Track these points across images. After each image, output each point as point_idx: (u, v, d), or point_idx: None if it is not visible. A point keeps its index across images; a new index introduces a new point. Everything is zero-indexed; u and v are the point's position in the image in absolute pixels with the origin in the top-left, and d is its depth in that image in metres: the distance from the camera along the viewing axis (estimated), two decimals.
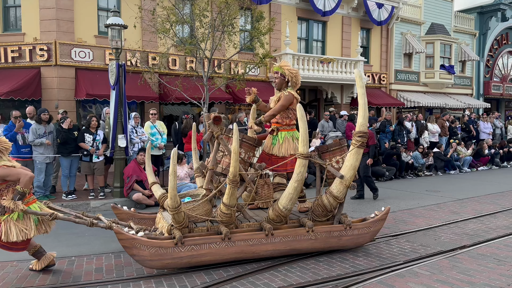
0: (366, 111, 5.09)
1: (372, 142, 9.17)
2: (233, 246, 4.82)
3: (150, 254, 4.53)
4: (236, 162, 4.64)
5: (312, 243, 5.17)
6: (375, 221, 5.59)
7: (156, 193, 5.83)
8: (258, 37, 10.97)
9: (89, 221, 4.81)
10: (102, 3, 13.22)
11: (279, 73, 5.72)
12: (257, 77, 15.77)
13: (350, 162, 5.09)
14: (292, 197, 4.93)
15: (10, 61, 12.38)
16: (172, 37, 11.08)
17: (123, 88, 8.92)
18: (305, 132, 4.84)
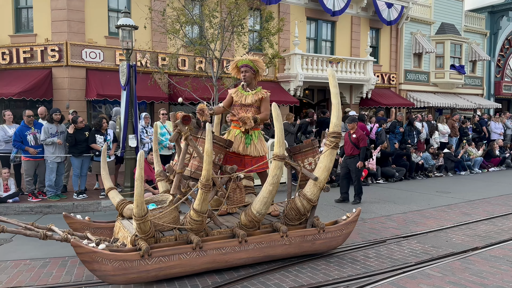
0: (340, 111, 4.91)
1: (363, 144, 8.95)
2: (205, 256, 4.49)
3: (113, 269, 4.11)
4: (209, 165, 4.31)
5: (286, 249, 4.96)
6: (347, 223, 5.45)
7: (113, 199, 5.36)
8: (268, 37, 10.98)
9: (42, 233, 4.30)
10: (113, 4, 13.31)
11: (249, 67, 5.40)
12: (266, 78, 15.75)
13: (324, 164, 4.94)
14: (267, 201, 4.66)
15: (22, 61, 12.53)
16: (182, 37, 11.13)
17: (133, 89, 8.98)
18: (280, 132, 4.61)
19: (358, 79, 17.28)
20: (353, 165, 8.93)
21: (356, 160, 8.89)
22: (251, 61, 5.40)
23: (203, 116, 5.13)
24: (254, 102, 5.34)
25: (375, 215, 7.81)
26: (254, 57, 5.46)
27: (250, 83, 5.46)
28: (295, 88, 15.92)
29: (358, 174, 8.99)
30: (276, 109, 4.64)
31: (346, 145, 9.28)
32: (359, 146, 8.91)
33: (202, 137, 4.95)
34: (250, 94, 5.37)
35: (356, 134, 8.99)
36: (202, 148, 4.80)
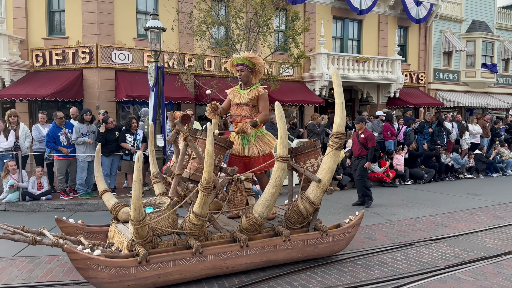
0: (343, 111, 4.74)
1: (371, 144, 8.69)
2: (205, 262, 4.31)
3: (110, 276, 3.91)
4: (210, 166, 4.09)
5: (288, 253, 4.80)
6: (350, 226, 5.27)
7: (108, 202, 5.16)
8: (293, 37, 10.95)
9: (31, 238, 4.09)
10: (141, 6, 13.59)
11: (244, 65, 5.16)
12: (291, 77, 15.72)
13: (328, 165, 4.76)
14: (269, 204, 4.48)
15: (54, 63, 12.96)
16: (208, 39, 11.24)
17: (161, 89, 9.14)
18: (284, 132, 4.44)
19: (385, 78, 17.00)
20: (361, 165, 8.72)
21: (364, 161, 8.67)
22: (246, 59, 5.15)
23: (215, 112, 5.14)
24: (249, 100, 5.12)
25: (403, 217, 7.67)
26: (249, 54, 5.22)
27: (246, 81, 5.23)
28: (321, 88, 15.81)
29: (362, 174, 8.73)
30: (279, 108, 4.49)
31: (354, 145, 9.12)
32: (367, 146, 8.72)
33: (202, 138, 4.81)
34: (245, 92, 5.15)
35: (364, 134, 8.77)
36: (202, 149, 4.69)
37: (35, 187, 8.69)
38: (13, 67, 12.62)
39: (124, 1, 13.11)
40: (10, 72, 12.53)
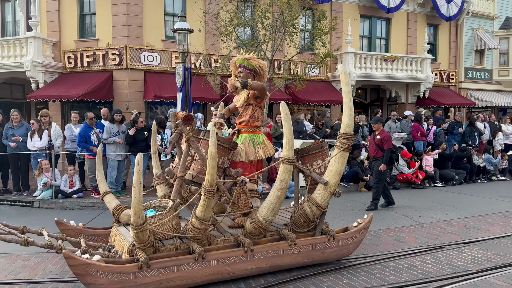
0: (352, 111, 4.54)
1: (387, 146, 8.37)
2: (208, 267, 4.18)
3: (109, 282, 3.80)
4: (213, 169, 3.96)
5: (294, 258, 4.65)
6: (359, 230, 5.08)
7: (109, 204, 5.03)
8: (320, 36, 10.88)
9: (23, 239, 4.01)
10: (169, 8, 13.80)
11: (243, 66, 4.96)
12: (317, 77, 15.62)
13: (335, 167, 4.59)
14: (275, 207, 4.37)
15: (85, 65, 13.33)
16: (234, 39, 11.31)
17: (188, 90, 9.27)
18: (289, 133, 4.30)
19: (414, 77, 16.64)
20: (376, 168, 8.47)
21: (380, 163, 8.37)
22: (245, 60, 4.96)
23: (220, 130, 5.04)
24: (247, 99, 4.96)
25: (433, 219, 7.49)
26: (247, 56, 5.02)
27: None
28: None
29: (379, 177, 8.43)
30: (285, 108, 4.32)
31: (370, 146, 8.89)
32: (383, 148, 8.44)
33: (205, 138, 4.69)
34: (244, 93, 4.99)
35: (380, 135, 8.49)
36: (205, 150, 4.57)
37: (67, 185, 8.97)
38: (47, 69, 13.06)
39: (152, 3, 13.36)
40: (43, 73, 12.98)
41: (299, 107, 15.77)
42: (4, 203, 8.93)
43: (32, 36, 12.65)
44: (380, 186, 8.39)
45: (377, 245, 5.85)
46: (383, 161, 8.31)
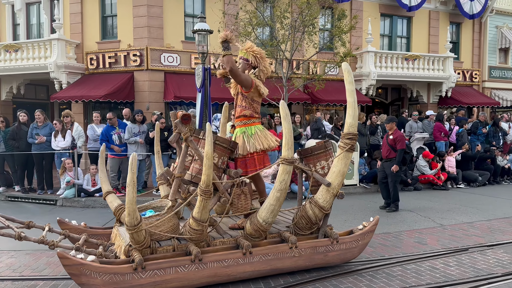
0: (355, 110, 4.39)
1: (401, 146, 8.13)
2: (205, 269, 4.11)
3: (103, 283, 3.77)
4: (209, 169, 3.92)
5: (295, 261, 4.53)
6: (364, 233, 4.91)
7: (111, 204, 5.04)
8: (340, 35, 10.79)
9: (17, 233, 4.02)
10: (189, 9, 13.92)
11: (242, 58, 4.81)
12: (336, 77, 15.49)
13: (338, 168, 4.45)
14: (274, 208, 4.28)
15: (107, 66, 13.56)
16: (253, 39, 11.34)
17: (208, 91, 9.32)
18: (288, 132, 4.17)
19: (436, 76, 16.33)
20: (389, 169, 8.32)
21: (392, 164, 8.22)
22: (244, 51, 4.78)
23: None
24: (236, 88, 4.84)
25: (455, 221, 7.34)
26: (247, 45, 4.83)
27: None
28: (367, 87, 15.46)
29: (393, 179, 8.28)
30: (284, 107, 4.16)
31: (383, 147, 8.75)
32: (396, 148, 8.26)
33: (204, 138, 4.60)
34: (233, 83, 4.86)
35: (393, 135, 8.32)
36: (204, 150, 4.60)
37: (89, 184, 9.15)
38: (70, 70, 13.34)
39: (172, 5, 13.50)
40: (66, 74, 13.26)
41: (318, 107, 15.69)
42: (29, 201, 9.17)
43: (56, 38, 12.95)
44: (397, 186, 8.30)
45: (398, 247, 5.77)
46: (395, 161, 8.17)
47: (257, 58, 4.74)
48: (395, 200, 8.27)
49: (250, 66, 4.77)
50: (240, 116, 4.76)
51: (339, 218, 7.50)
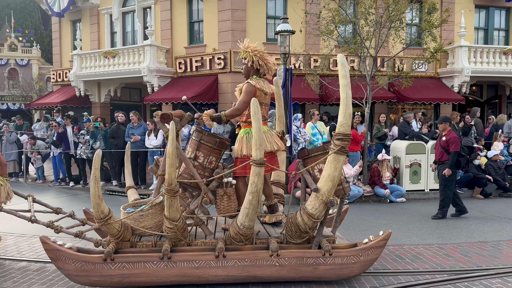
0: (348, 107, 3.90)
1: (454, 148, 7.43)
2: (174, 268, 4.10)
3: (76, 269, 4.05)
4: (170, 168, 3.91)
5: (276, 271, 4.19)
6: (367, 248, 4.30)
7: (129, 198, 5.28)
8: (430, 30, 10.17)
9: (31, 216, 4.68)
10: (271, 11, 14.11)
11: (244, 59, 4.69)
12: (425, 74, 14.65)
13: (327, 172, 4.00)
14: (248, 212, 4.02)
15: (194, 70, 14.27)
16: (336, 38, 11.15)
17: (289, 91, 9.37)
18: (257, 132, 3.89)
19: None
20: (441, 173, 7.65)
21: (445, 168, 7.53)
22: (245, 51, 4.64)
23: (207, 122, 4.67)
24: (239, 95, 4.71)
25: None
26: (246, 45, 4.67)
27: (247, 76, 4.75)
28: (460, 84, 14.38)
29: (444, 183, 7.59)
30: (254, 105, 3.91)
31: (436, 149, 8.04)
32: (449, 150, 7.55)
33: (193, 138, 4.61)
34: (238, 88, 4.77)
35: (446, 137, 7.63)
36: (192, 149, 4.55)
37: None
38: (160, 74, 14.28)
39: (255, 8, 13.79)
40: (158, 78, 14.21)
41: (404, 105, 14.96)
42: (123, 195, 9.96)
43: (148, 44, 13.94)
44: (449, 192, 7.63)
45: (497, 258, 5.30)
46: (448, 165, 7.53)
47: (258, 60, 4.60)
48: (444, 206, 7.66)
49: (253, 68, 4.66)
50: (247, 121, 4.60)
51: (392, 227, 7.08)
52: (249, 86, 4.52)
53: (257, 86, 4.52)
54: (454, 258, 5.29)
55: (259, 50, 4.62)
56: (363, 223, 7.34)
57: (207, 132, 4.61)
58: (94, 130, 10.82)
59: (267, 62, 4.64)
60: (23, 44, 36.88)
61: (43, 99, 19.18)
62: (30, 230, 5.75)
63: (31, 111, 26.98)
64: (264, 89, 4.59)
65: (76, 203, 9.06)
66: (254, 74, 4.66)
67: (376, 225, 7.11)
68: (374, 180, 9.40)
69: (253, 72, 4.67)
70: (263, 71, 4.66)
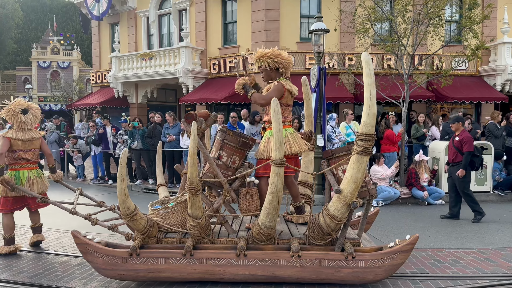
0: (372, 107, 3.78)
1: (468, 148, 7.21)
2: (196, 264, 4.19)
3: (104, 263, 4.24)
4: (192, 167, 3.99)
5: (298, 272, 4.17)
6: (392, 252, 4.18)
7: (160, 195, 5.54)
8: (470, 26, 9.80)
9: (72, 208, 5.06)
10: (305, 11, 14.03)
11: (261, 66, 4.68)
12: (466, 72, 14.12)
13: (350, 173, 3.91)
14: (269, 212, 4.02)
15: (227, 70, 14.40)
16: (372, 36, 10.94)
17: (323, 90, 9.28)
18: (278, 132, 3.87)
19: None
20: (455, 175, 7.38)
21: (459, 169, 7.31)
22: (259, 60, 4.63)
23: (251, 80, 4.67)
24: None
25: None
26: (259, 53, 4.62)
27: (269, 79, 4.74)
28: (503, 83, 13.78)
29: (462, 185, 7.33)
30: (274, 105, 3.88)
31: (449, 149, 7.73)
32: (463, 151, 7.28)
33: (216, 137, 4.72)
34: (265, 87, 4.75)
35: (459, 137, 7.39)
36: (216, 149, 4.66)
37: None
38: (195, 75, 14.51)
39: (289, 8, 13.75)
40: (192, 79, 14.44)
41: (443, 105, 14.49)
42: (158, 193, 10.19)
43: (184, 46, 14.19)
44: (469, 193, 7.43)
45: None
46: (461, 165, 7.30)
47: (274, 60, 4.58)
48: (475, 210, 7.42)
49: (273, 70, 4.65)
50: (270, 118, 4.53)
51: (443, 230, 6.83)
52: (279, 85, 4.52)
53: (286, 87, 4.54)
54: (496, 264, 5.09)
55: (269, 52, 4.62)
56: (400, 225, 7.17)
57: (231, 131, 4.68)
58: (132, 130, 11.15)
59: (282, 57, 4.62)
60: (65, 47, 38.52)
61: (83, 100, 19.94)
62: (72, 226, 5.99)
63: (71, 112, 28.10)
64: (292, 91, 4.61)
65: (114, 200, 9.33)
66: (276, 76, 4.67)
67: (413, 228, 6.93)
68: (412, 182, 9.16)
69: (274, 74, 4.68)
70: (282, 70, 4.68)
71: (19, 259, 5.31)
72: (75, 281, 4.53)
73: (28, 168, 5.62)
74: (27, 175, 5.57)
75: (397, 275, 4.58)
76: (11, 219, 5.57)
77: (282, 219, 5.09)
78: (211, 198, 5.04)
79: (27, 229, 6.56)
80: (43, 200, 5.44)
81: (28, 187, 5.51)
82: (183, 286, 4.36)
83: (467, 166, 7.33)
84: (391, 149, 9.94)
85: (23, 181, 5.51)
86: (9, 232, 5.51)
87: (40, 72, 36.97)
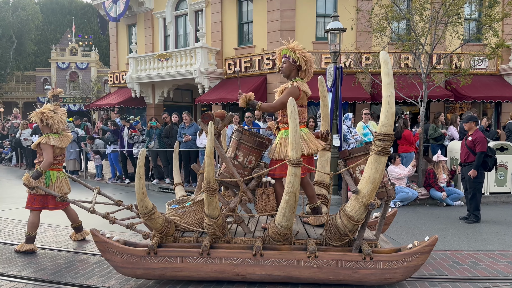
0: (391, 107, 3.69)
1: (480, 148, 7.06)
2: (213, 264, 4.20)
3: (122, 261, 4.30)
4: (208, 166, 4.02)
5: (314, 272, 4.13)
6: (411, 254, 4.10)
7: (177, 194, 5.60)
8: (490, 24, 9.60)
9: (91, 207, 5.17)
10: (320, 10, 13.96)
11: (287, 57, 4.57)
12: (486, 71, 13.85)
13: (368, 174, 3.85)
14: (285, 212, 4.00)
15: (243, 70, 14.42)
16: (389, 35, 10.82)
17: (339, 90, 9.22)
18: (294, 132, 3.83)
19: None
20: (467, 175, 7.26)
21: (471, 169, 7.18)
22: (290, 50, 4.56)
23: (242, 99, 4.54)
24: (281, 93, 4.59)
25: None
26: (293, 45, 4.59)
27: (287, 75, 4.66)
28: None
29: (473, 185, 7.22)
30: (291, 105, 3.83)
31: (461, 150, 7.57)
32: (475, 151, 7.13)
33: (233, 137, 4.67)
34: (279, 89, 4.67)
35: (472, 137, 7.24)
36: (232, 149, 4.64)
37: None
38: (211, 75, 14.58)
39: (304, 7, 13.69)
40: (208, 79, 14.52)
41: (462, 104, 14.24)
42: (174, 192, 10.28)
43: (200, 46, 14.28)
44: (478, 195, 7.29)
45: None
46: (474, 165, 7.17)
47: (303, 60, 4.54)
48: (475, 210, 7.31)
49: (296, 67, 4.61)
50: (286, 122, 4.48)
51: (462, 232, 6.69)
52: (294, 88, 4.46)
53: (302, 88, 4.50)
54: None
55: (301, 47, 4.59)
56: (418, 227, 7.08)
57: (247, 131, 4.67)
58: (149, 130, 11.28)
59: (311, 66, 4.63)
60: (83, 48, 39.19)
61: (101, 100, 20.25)
62: (90, 225, 6.08)
63: (90, 112, 28.55)
64: (307, 91, 4.58)
65: (131, 199, 9.46)
66: (295, 75, 4.63)
67: (431, 229, 6.83)
68: (430, 183, 9.03)
69: (295, 72, 4.63)
70: (303, 75, 4.65)
71: (39, 256, 5.42)
72: (93, 279, 4.60)
73: (57, 169, 5.80)
74: (56, 175, 5.73)
75: (415, 277, 4.52)
76: (38, 217, 5.69)
77: (299, 219, 5.08)
78: (227, 198, 5.06)
79: (47, 227, 6.70)
80: (62, 199, 5.54)
81: (57, 187, 5.67)
82: (199, 285, 4.39)
83: (480, 166, 7.22)
84: (409, 149, 9.82)
85: (53, 180, 5.67)
86: (32, 230, 5.61)
87: (59, 73, 37.74)
